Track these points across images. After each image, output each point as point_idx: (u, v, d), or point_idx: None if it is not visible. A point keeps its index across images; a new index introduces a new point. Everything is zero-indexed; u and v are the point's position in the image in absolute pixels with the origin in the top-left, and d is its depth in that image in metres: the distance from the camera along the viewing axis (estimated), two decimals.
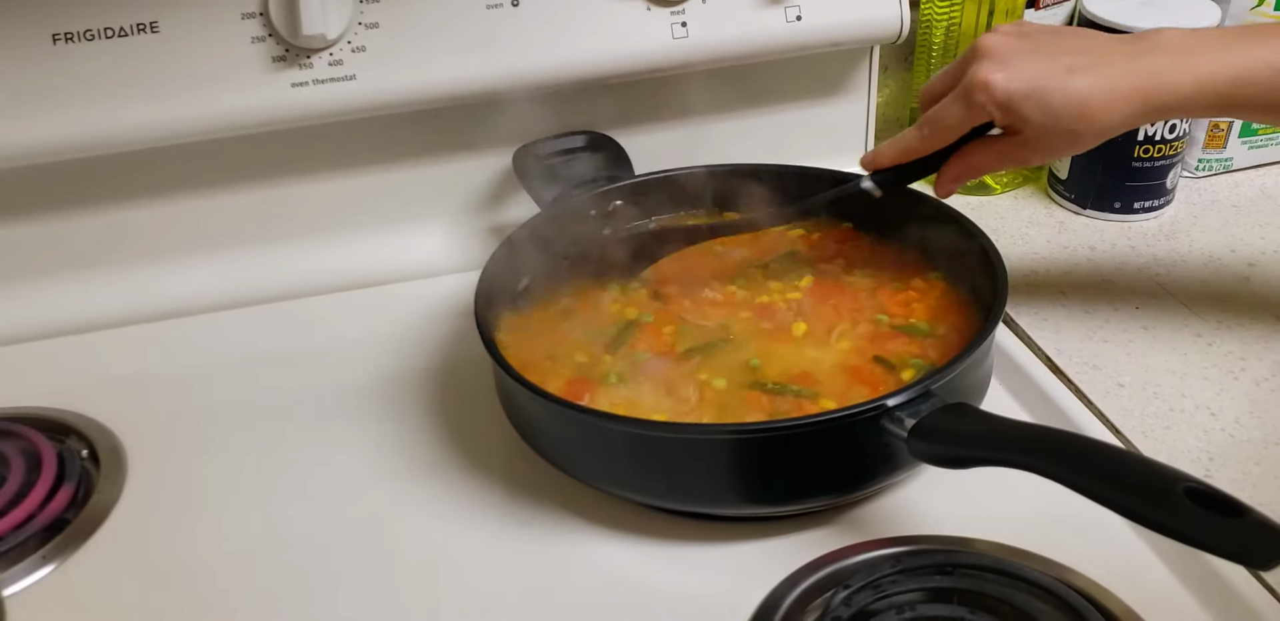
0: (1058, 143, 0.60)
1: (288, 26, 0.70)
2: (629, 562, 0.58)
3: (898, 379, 0.61)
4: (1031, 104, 0.58)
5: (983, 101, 0.59)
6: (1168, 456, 0.61)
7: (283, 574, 0.59)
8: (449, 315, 0.77)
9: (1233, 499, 0.43)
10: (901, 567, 0.54)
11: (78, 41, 0.69)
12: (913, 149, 0.63)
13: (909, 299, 0.67)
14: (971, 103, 0.59)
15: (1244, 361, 0.68)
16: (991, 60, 0.59)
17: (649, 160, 0.78)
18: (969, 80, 0.59)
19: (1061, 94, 0.57)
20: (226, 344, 0.77)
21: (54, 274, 0.78)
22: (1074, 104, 0.58)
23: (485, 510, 0.62)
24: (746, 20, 0.76)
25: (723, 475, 0.56)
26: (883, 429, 0.53)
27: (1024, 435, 0.51)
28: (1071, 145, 0.60)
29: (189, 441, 0.68)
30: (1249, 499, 0.57)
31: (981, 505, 0.59)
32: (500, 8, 0.73)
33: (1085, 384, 0.67)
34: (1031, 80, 0.58)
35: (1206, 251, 0.79)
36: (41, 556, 0.59)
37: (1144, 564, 0.56)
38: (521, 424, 0.62)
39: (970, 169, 0.63)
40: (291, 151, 0.77)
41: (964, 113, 0.60)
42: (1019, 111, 0.58)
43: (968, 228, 0.66)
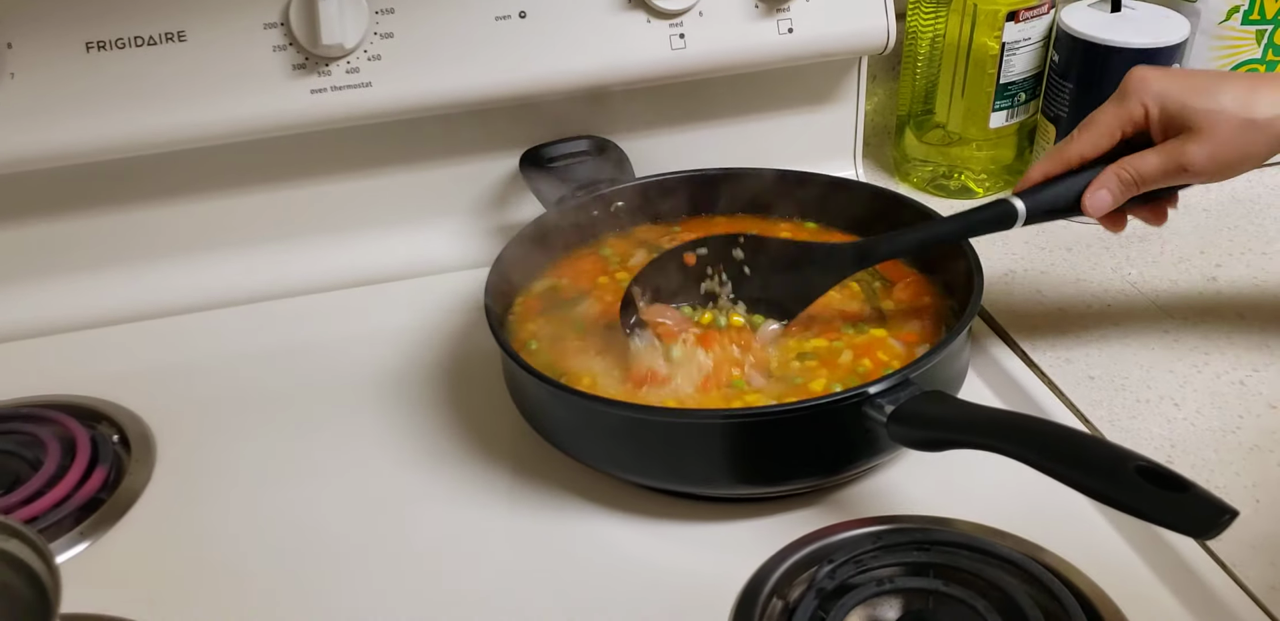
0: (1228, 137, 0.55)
1: (308, 36, 0.72)
2: (629, 540, 0.61)
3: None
4: (1194, 94, 0.55)
5: (1138, 91, 0.56)
6: (1133, 444, 0.64)
7: (303, 553, 0.62)
8: (459, 309, 0.80)
9: (1178, 475, 0.46)
10: (881, 544, 0.56)
11: (110, 49, 0.71)
12: (1065, 154, 0.59)
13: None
14: (1126, 95, 0.56)
15: (1207, 356, 0.71)
16: (1148, 69, 0.58)
17: (649, 164, 0.81)
18: (1124, 80, 0.57)
19: (1224, 86, 0.55)
20: (250, 336, 0.79)
21: (85, 268, 0.80)
22: (1240, 94, 0.54)
23: (495, 493, 0.64)
24: (741, 32, 0.79)
25: (716, 457, 0.59)
26: (864, 414, 0.57)
27: (993, 420, 0.54)
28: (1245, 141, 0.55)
29: (213, 428, 0.71)
30: (1206, 482, 0.60)
31: (958, 487, 0.62)
32: (508, 19, 0.76)
33: (1057, 376, 0.70)
34: (1188, 76, 0.56)
35: (1177, 253, 0.82)
36: (79, 533, 0.62)
37: (1108, 542, 0.59)
38: (528, 410, 0.65)
39: (1129, 173, 0.58)
40: (310, 154, 0.79)
41: (1119, 107, 0.57)
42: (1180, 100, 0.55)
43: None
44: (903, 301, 0.70)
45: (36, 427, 0.68)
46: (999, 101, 0.86)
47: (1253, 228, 0.85)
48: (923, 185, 0.92)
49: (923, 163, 0.92)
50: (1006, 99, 0.86)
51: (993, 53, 0.84)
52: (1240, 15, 0.84)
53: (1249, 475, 0.62)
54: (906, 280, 0.71)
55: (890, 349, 0.66)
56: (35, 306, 0.80)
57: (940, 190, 0.92)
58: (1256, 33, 0.85)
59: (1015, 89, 0.86)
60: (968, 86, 0.86)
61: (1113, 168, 0.59)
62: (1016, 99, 0.87)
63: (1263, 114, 0.55)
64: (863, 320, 0.68)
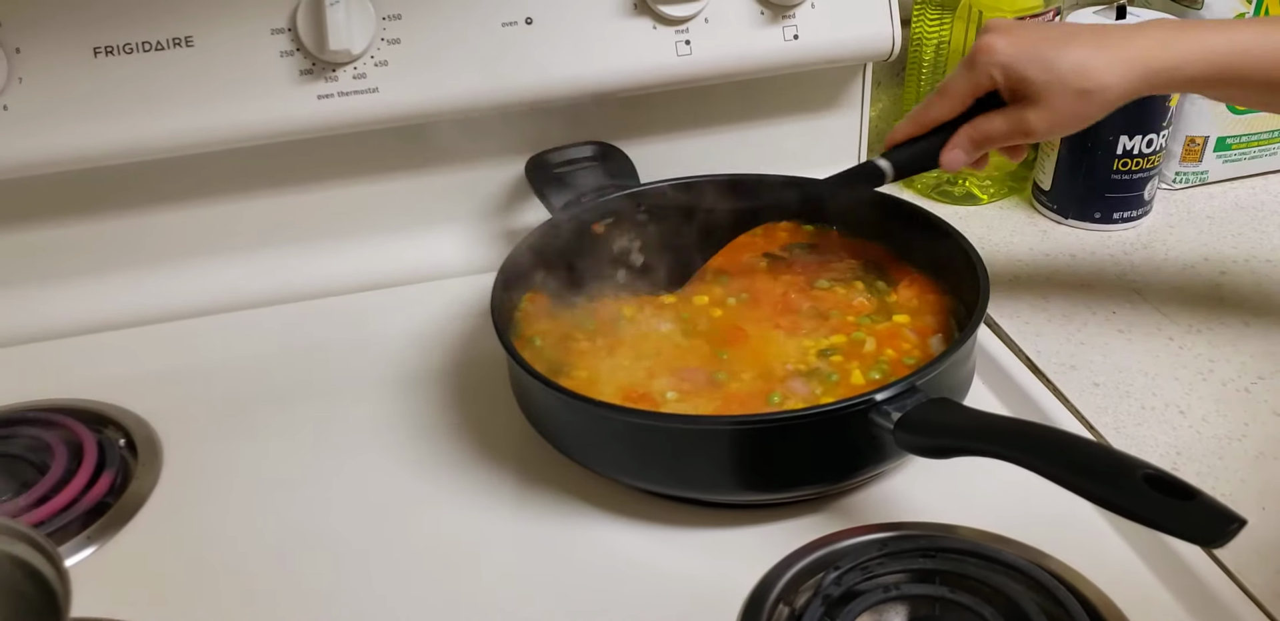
0: (1063, 105, 0.60)
1: (315, 42, 0.72)
2: (634, 546, 0.61)
3: None
4: (1034, 65, 0.59)
5: (985, 62, 0.61)
6: (1138, 451, 0.64)
7: (308, 556, 0.62)
8: (465, 314, 0.80)
9: (1186, 483, 0.46)
10: (888, 551, 0.56)
11: (117, 55, 0.71)
12: (923, 117, 0.65)
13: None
14: (975, 64, 0.61)
15: (1212, 363, 0.72)
16: (995, 31, 0.62)
17: (654, 169, 0.81)
18: (973, 46, 0.62)
19: (1064, 55, 0.59)
20: (257, 340, 0.79)
21: (91, 273, 0.81)
22: (1076, 64, 0.59)
23: (500, 497, 0.65)
24: (747, 39, 0.79)
25: (722, 464, 0.59)
26: (871, 421, 0.57)
27: (1000, 427, 0.54)
28: (1078, 109, 0.61)
29: (220, 432, 0.71)
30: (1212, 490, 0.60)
31: (964, 494, 0.62)
32: (515, 25, 0.76)
33: (1063, 383, 0.70)
34: (1033, 44, 0.60)
35: (1181, 260, 0.82)
36: (85, 537, 0.63)
37: (1114, 549, 0.59)
38: (534, 415, 0.65)
39: (978, 135, 0.63)
40: (317, 159, 0.80)
41: (968, 76, 0.62)
42: (1021, 72, 0.60)
43: (953, 235, 0.69)
44: (909, 298, 0.70)
45: (43, 432, 0.68)
46: None
47: (1257, 235, 0.85)
48: (927, 191, 0.93)
49: None
50: None
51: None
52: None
53: (1255, 482, 0.62)
54: (909, 279, 0.72)
55: (908, 339, 0.67)
56: (42, 310, 0.80)
57: (945, 196, 0.92)
58: None
59: None
60: None
61: (964, 129, 0.64)
62: None
63: (1094, 83, 0.60)
64: (874, 313, 0.69)
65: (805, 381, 0.64)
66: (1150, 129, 0.83)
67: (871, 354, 0.66)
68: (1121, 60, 0.60)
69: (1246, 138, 0.90)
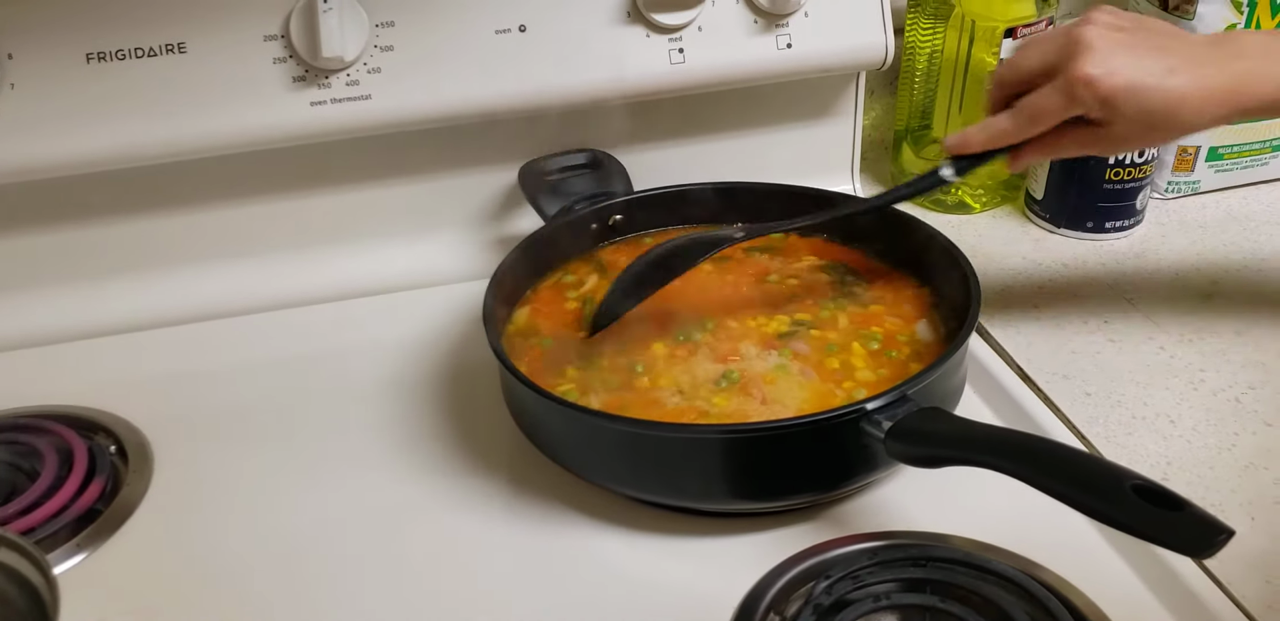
0: (1142, 137, 0.61)
1: (308, 49, 0.72)
2: (626, 554, 0.61)
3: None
4: (1131, 102, 0.59)
5: (1084, 96, 0.59)
6: (1129, 460, 0.65)
7: (299, 564, 0.62)
8: (458, 321, 0.80)
9: (1174, 494, 0.46)
10: (878, 560, 0.56)
11: (110, 61, 0.71)
12: (1006, 135, 0.63)
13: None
14: (1073, 96, 0.59)
15: (1203, 373, 0.72)
16: (1093, 55, 0.59)
17: (647, 177, 0.81)
18: (1071, 74, 0.59)
19: (1160, 94, 0.59)
20: (248, 346, 0.79)
21: (83, 279, 0.80)
22: (1171, 104, 0.59)
23: (491, 505, 0.64)
24: (740, 47, 0.79)
25: (713, 472, 0.59)
26: (862, 430, 0.57)
27: (990, 437, 0.54)
28: (1154, 141, 0.63)
29: (211, 438, 0.71)
30: (1201, 500, 0.61)
31: (955, 503, 0.62)
32: (508, 33, 0.76)
33: (1054, 392, 0.71)
34: (1132, 78, 0.59)
35: (1173, 269, 0.82)
36: (75, 544, 0.62)
37: (1105, 559, 0.59)
38: (526, 423, 0.65)
39: (1051, 151, 0.64)
40: (309, 166, 0.79)
41: (1065, 105, 0.60)
42: (1118, 108, 0.59)
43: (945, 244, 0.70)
44: (882, 294, 0.71)
45: (33, 438, 0.68)
46: None
47: (1249, 244, 0.85)
48: (920, 200, 0.93)
49: None
50: None
51: (991, 69, 0.84)
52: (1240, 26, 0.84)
53: (1244, 493, 0.62)
54: (883, 279, 0.72)
55: (892, 322, 0.68)
56: (32, 316, 0.80)
57: (937, 205, 0.92)
58: None
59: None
60: (965, 102, 0.87)
61: (1037, 147, 0.64)
62: None
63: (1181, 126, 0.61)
64: (840, 297, 0.71)
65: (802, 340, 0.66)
66: None
67: (850, 329, 0.67)
68: (1214, 99, 0.59)
69: (1238, 147, 0.90)
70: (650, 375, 0.65)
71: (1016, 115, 0.62)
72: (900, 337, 0.67)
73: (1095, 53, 0.59)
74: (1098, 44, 0.59)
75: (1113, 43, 0.59)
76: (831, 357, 0.66)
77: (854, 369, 0.65)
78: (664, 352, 0.67)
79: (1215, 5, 0.84)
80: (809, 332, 0.67)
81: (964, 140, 0.64)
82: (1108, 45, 0.59)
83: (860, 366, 0.65)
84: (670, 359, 0.66)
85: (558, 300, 0.73)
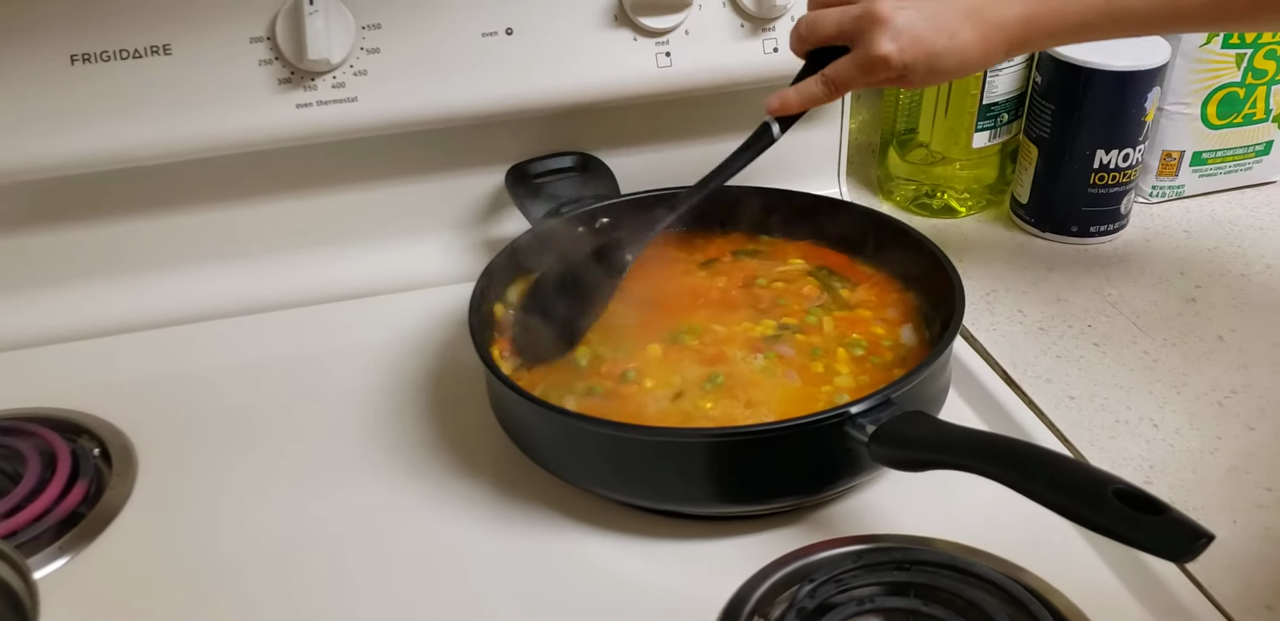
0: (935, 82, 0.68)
1: (294, 51, 0.72)
2: (610, 558, 0.61)
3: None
4: (924, 67, 0.64)
5: (882, 71, 0.64)
6: (1112, 464, 0.65)
7: (284, 568, 0.61)
8: (444, 324, 0.79)
9: (1155, 499, 0.47)
10: (862, 563, 0.57)
11: (95, 62, 0.70)
12: (818, 98, 0.68)
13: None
14: (872, 71, 0.64)
15: (1186, 377, 0.72)
16: (886, 31, 0.63)
17: (635, 180, 0.81)
18: (869, 52, 0.64)
19: (950, 56, 0.64)
20: (233, 349, 0.79)
21: (67, 281, 0.80)
22: (961, 61, 0.64)
23: (477, 508, 0.64)
24: (727, 51, 0.79)
25: (698, 476, 0.59)
26: (846, 434, 0.57)
27: (973, 441, 0.54)
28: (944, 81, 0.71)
29: (195, 441, 0.70)
30: (1184, 503, 0.62)
31: (939, 507, 0.62)
32: (495, 35, 0.76)
33: (1038, 396, 0.71)
34: (924, 49, 0.63)
35: (1157, 273, 0.83)
36: (58, 548, 0.62)
37: (1087, 563, 0.59)
38: (511, 427, 0.65)
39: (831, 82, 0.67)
40: (295, 168, 0.79)
41: (865, 78, 0.65)
42: (913, 74, 0.64)
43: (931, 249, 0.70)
44: (869, 297, 0.71)
45: (16, 441, 0.67)
46: (982, 122, 0.87)
47: (1232, 249, 0.86)
48: (906, 204, 0.93)
49: (906, 181, 0.92)
50: (989, 120, 0.87)
51: (976, 74, 0.84)
52: (1220, 38, 0.85)
53: (1226, 496, 0.63)
54: (869, 281, 0.73)
55: (878, 326, 0.68)
56: (16, 318, 0.80)
57: (923, 209, 0.92)
58: (1236, 56, 0.86)
59: (998, 110, 0.87)
60: (950, 107, 0.87)
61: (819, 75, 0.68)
62: (999, 120, 0.88)
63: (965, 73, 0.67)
64: (827, 303, 0.71)
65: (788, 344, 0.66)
66: (1126, 143, 0.83)
67: (835, 334, 0.67)
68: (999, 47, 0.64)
69: (1222, 152, 0.91)
70: (638, 378, 0.65)
71: (825, 84, 0.67)
72: (884, 343, 0.67)
73: (889, 28, 0.63)
74: (892, 19, 0.63)
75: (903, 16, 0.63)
76: (816, 362, 0.66)
77: (836, 373, 0.65)
78: (657, 354, 0.66)
79: None
80: (794, 337, 0.67)
81: (783, 103, 0.69)
82: (899, 19, 0.63)
83: (843, 371, 0.65)
84: (662, 362, 0.66)
85: None
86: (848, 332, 0.68)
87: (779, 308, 0.71)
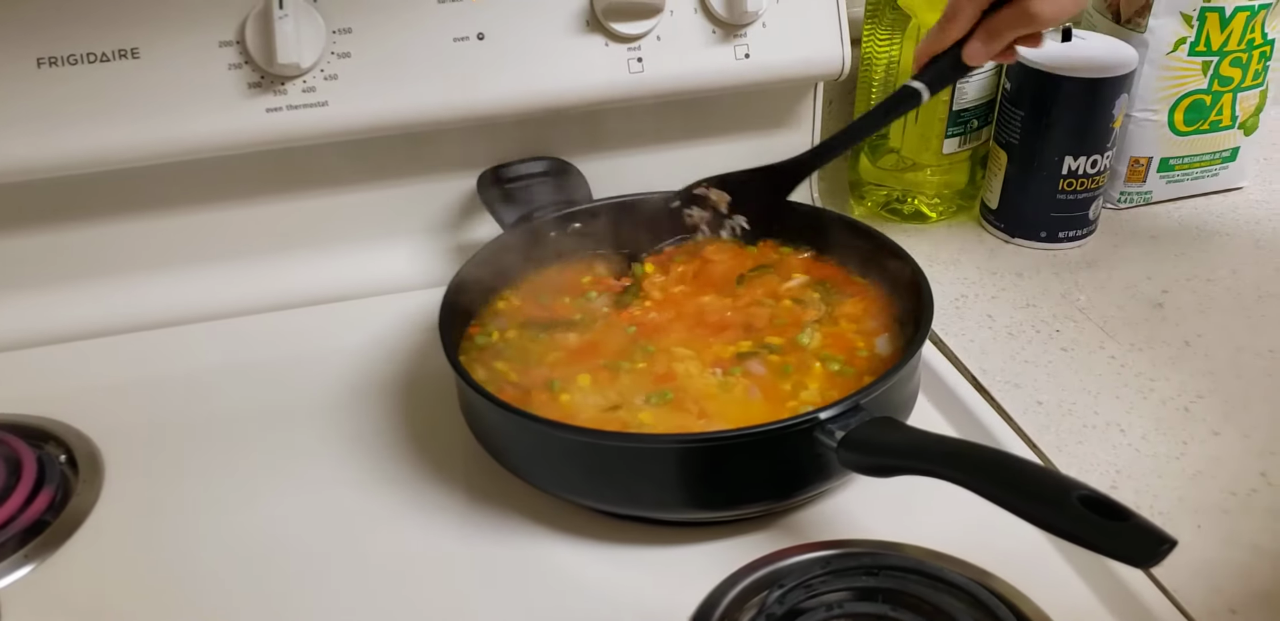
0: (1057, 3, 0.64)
1: (263, 55, 0.71)
2: (580, 564, 0.61)
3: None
4: None
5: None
6: (1079, 469, 0.65)
7: (252, 576, 0.61)
8: (415, 329, 0.79)
9: (1120, 505, 0.47)
10: (831, 569, 0.56)
11: (61, 65, 0.70)
12: (937, 38, 0.68)
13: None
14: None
15: (1153, 382, 0.73)
16: None
17: (607, 185, 0.81)
18: None
19: None
20: (201, 355, 0.78)
21: (32, 286, 0.79)
22: None
23: (447, 514, 0.64)
24: (698, 57, 0.79)
25: (667, 482, 0.59)
26: (815, 440, 0.57)
27: (941, 447, 0.54)
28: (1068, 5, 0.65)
29: (163, 449, 0.70)
30: (1150, 508, 0.62)
31: (909, 512, 0.62)
32: (466, 41, 0.76)
33: (1006, 401, 0.71)
34: None
35: (1124, 279, 0.83)
36: (23, 556, 0.61)
37: (1054, 568, 0.59)
38: (482, 432, 0.65)
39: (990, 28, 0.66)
40: (266, 172, 0.79)
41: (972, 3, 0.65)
42: None
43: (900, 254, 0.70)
44: (858, 310, 0.71)
45: None
46: (952, 128, 0.87)
47: (1199, 254, 0.86)
48: (877, 209, 0.93)
49: (877, 187, 0.93)
50: (959, 126, 0.88)
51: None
52: (1187, 46, 0.86)
53: (1191, 501, 0.63)
54: (860, 294, 0.72)
55: (858, 340, 0.68)
56: None
57: (894, 215, 0.93)
58: (1202, 63, 0.87)
59: (968, 116, 0.87)
60: (921, 113, 0.87)
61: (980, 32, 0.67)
62: (969, 125, 0.88)
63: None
64: (820, 320, 0.70)
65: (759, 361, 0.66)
66: (1095, 150, 0.84)
67: (816, 350, 0.67)
68: None
69: (1189, 159, 0.92)
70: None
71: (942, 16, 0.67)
72: (860, 353, 0.67)
73: None
74: None
75: None
76: (784, 380, 0.65)
77: (804, 388, 0.64)
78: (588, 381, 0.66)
79: (1166, 20, 0.86)
80: (768, 356, 0.66)
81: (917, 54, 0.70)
82: None
83: (812, 386, 0.64)
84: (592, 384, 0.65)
85: None
86: (829, 347, 0.68)
87: (771, 327, 0.69)
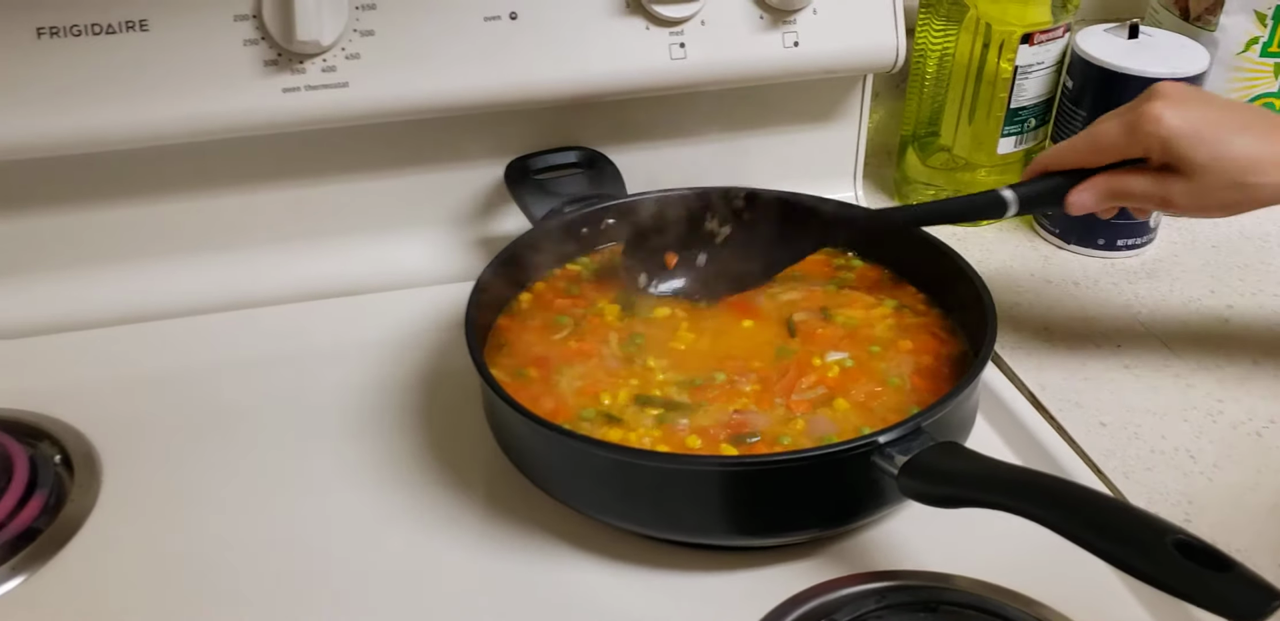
0: (1217, 192, 0.59)
1: (282, 31, 0.68)
2: (610, 589, 0.57)
3: None
4: (1202, 148, 0.58)
5: (1148, 132, 0.58)
6: (1148, 499, 0.62)
7: (257, 584, 0.58)
8: (436, 326, 0.76)
9: (1221, 553, 0.43)
10: (886, 603, 0.54)
11: (63, 36, 0.67)
12: (1064, 157, 0.63)
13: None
14: (1136, 130, 0.59)
15: (1221, 404, 0.69)
16: (1167, 100, 0.59)
17: (641, 178, 0.78)
18: (1140, 110, 0.59)
19: (1235, 142, 0.58)
20: (209, 348, 0.75)
21: (29, 273, 0.76)
22: (1246, 155, 0.58)
23: (465, 525, 0.61)
24: (745, 44, 0.76)
25: (711, 506, 0.56)
26: (873, 465, 0.53)
27: (1017, 480, 0.50)
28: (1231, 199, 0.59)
29: (166, 448, 0.66)
30: (1227, 544, 0.58)
31: (963, 540, 0.59)
32: (498, 20, 0.72)
33: (1068, 422, 0.67)
34: (1202, 125, 0.58)
35: (1186, 291, 0.80)
36: (10, 567, 0.58)
37: (1125, 607, 0.56)
38: (507, 441, 0.61)
39: (1117, 188, 0.61)
40: (281, 156, 0.76)
41: (1125, 137, 0.60)
42: (1185, 152, 0.58)
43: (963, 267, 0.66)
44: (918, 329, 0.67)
45: None
46: (1008, 127, 0.83)
47: (1263, 266, 0.82)
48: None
49: (925, 185, 0.88)
50: (1016, 124, 0.83)
51: (1005, 76, 0.80)
52: (1259, 47, 0.82)
53: (1270, 536, 0.59)
54: (927, 316, 0.68)
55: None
56: None
57: None
58: (1274, 66, 0.83)
59: (1026, 114, 0.83)
60: (976, 110, 0.83)
61: (1104, 177, 0.62)
62: (1026, 125, 0.84)
63: (1259, 179, 0.58)
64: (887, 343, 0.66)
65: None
66: None
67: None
68: None
69: None
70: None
71: (1077, 137, 0.62)
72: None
73: (1169, 99, 0.59)
74: (1174, 93, 0.59)
75: (1189, 95, 0.60)
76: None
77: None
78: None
79: (1238, 17, 0.81)
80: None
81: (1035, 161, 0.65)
82: (1184, 96, 0.59)
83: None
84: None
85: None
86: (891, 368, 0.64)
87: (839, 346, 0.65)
